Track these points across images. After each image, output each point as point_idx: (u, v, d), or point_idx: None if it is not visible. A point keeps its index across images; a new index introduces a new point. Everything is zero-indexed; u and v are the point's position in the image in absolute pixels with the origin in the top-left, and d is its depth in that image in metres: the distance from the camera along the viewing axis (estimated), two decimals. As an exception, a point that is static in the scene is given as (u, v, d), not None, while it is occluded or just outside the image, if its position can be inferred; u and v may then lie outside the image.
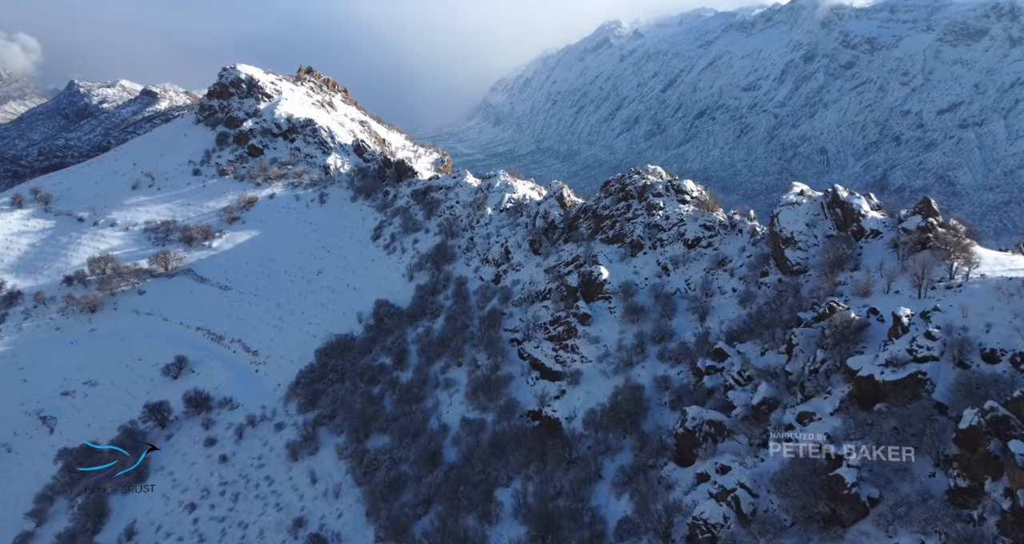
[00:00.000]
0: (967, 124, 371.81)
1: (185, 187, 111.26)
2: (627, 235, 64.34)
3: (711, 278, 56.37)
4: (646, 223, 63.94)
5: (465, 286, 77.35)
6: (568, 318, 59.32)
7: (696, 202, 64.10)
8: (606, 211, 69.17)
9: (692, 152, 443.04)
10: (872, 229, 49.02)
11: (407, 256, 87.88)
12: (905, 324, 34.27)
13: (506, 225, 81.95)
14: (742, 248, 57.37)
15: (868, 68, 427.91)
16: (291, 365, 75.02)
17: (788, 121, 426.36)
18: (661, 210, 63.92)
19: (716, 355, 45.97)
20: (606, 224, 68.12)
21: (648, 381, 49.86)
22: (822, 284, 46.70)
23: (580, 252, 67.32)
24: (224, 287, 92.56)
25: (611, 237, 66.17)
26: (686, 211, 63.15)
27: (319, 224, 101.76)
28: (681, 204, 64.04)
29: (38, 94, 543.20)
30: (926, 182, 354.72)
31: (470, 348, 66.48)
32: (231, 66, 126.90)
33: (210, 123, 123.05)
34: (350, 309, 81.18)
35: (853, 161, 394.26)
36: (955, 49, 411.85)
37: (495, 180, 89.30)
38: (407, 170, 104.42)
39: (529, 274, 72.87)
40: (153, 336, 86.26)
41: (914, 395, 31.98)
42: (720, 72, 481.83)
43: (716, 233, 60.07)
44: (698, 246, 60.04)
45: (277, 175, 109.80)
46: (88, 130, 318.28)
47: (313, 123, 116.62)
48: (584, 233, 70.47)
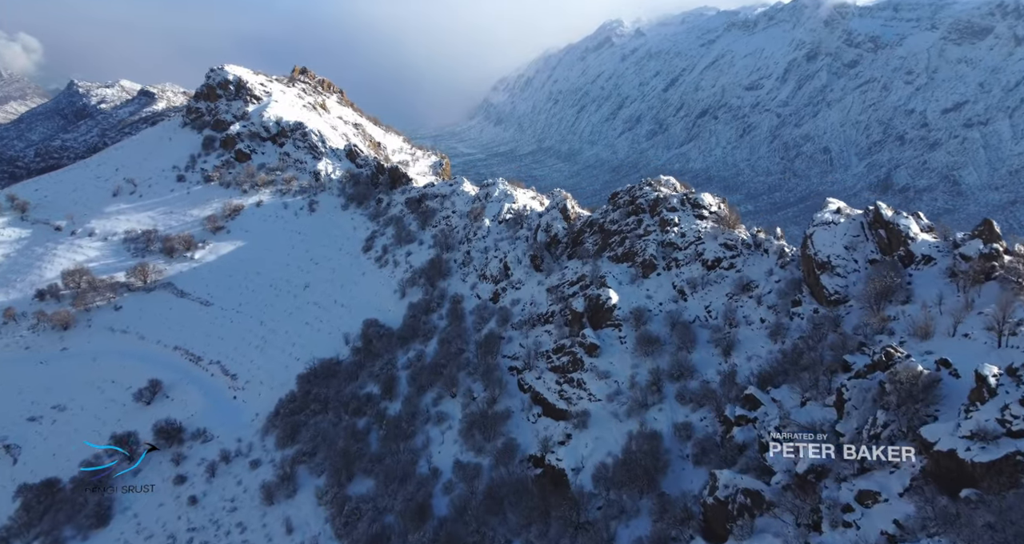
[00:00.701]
0: (972, 123, 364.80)
1: (168, 194, 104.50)
2: (638, 253, 57.44)
3: (735, 305, 49.46)
4: (659, 241, 57.01)
5: (460, 305, 70.55)
6: (573, 347, 52.51)
7: (715, 218, 57.10)
8: (614, 226, 62.26)
9: (694, 152, 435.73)
10: (923, 254, 42.07)
11: (399, 270, 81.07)
12: (992, 385, 27.41)
13: (505, 238, 75.11)
14: (769, 271, 50.43)
15: (872, 67, 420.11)
16: (271, 392, 68.30)
17: (791, 120, 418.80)
18: (676, 226, 56.95)
19: (747, 402, 39.10)
20: (614, 240, 61.20)
21: (666, 427, 43.02)
22: (868, 319, 39.81)
23: (586, 271, 60.48)
24: (205, 302, 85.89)
25: (620, 255, 59.26)
26: (704, 228, 56.15)
27: (308, 234, 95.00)
28: (698, 220, 57.04)
29: (39, 94, 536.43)
30: (931, 182, 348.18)
31: (465, 377, 59.70)
32: (219, 67, 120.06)
33: (197, 126, 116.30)
34: (337, 329, 74.43)
35: (857, 161, 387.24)
36: (959, 48, 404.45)
37: (493, 188, 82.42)
38: (401, 177, 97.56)
39: (530, 293, 66.02)
40: (127, 356, 79.62)
41: (1013, 482, 25.17)
42: (722, 71, 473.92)
43: (739, 253, 53.13)
44: (718, 267, 53.08)
45: (265, 181, 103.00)
46: (84, 131, 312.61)
47: (303, 126, 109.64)
48: (590, 249, 63.57)
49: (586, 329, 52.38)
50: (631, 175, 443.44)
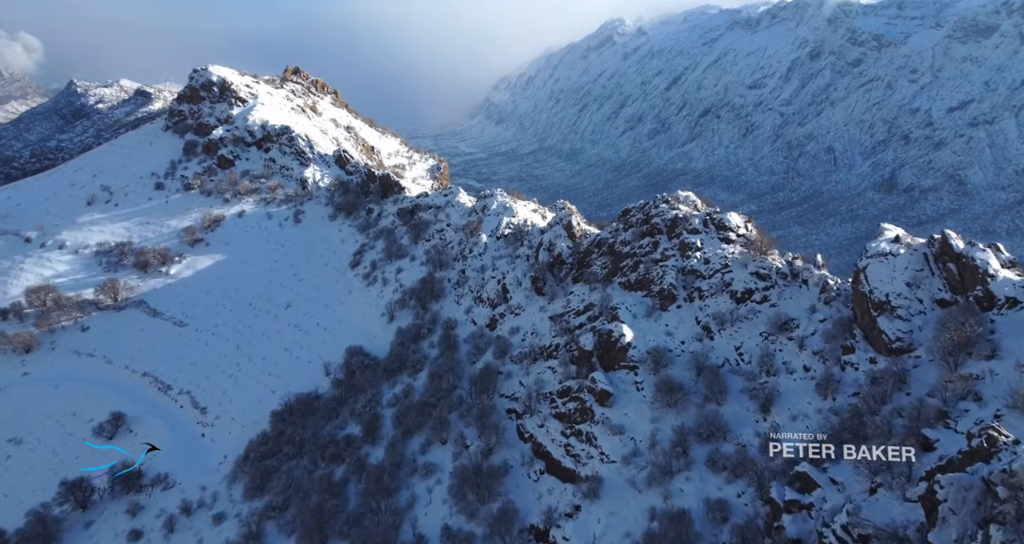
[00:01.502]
0: (977, 122, 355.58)
1: (146, 203, 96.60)
2: (655, 281, 49.39)
3: (772, 348, 41.43)
4: (679, 267, 48.91)
5: (454, 332, 62.57)
6: (581, 393, 44.61)
7: (743, 241, 48.95)
8: (626, 247, 54.16)
9: (697, 151, 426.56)
10: (1008, 296, 34.02)
11: (388, 289, 73.18)
12: None
13: (504, 256, 67.12)
14: (811, 308, 42.36)
15: (876, 65, 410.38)
16: (242, 430, 60.45)
17: (794, 119, 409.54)
18: (699, 251, 48.82)
19: (799, 482, 31.17)
20: (626, 264, 53.12)
21: (696, 504, 35.07)
22: (945, 378, 31.84)
23: (594, 298, 52.47)
24: (179, 323, 78.11)
25: (633, 282, 51.19)
26: (731, 253, 48.03)
27: (292, 247, 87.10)
28: (724, 244, 48.91)
29: (40, 94, 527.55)
30: (936, 181, 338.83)
31: (457, 419, 51.78)
32: (202, 67, 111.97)
33: (179, 130, 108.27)
34: (317, 357, 66.51)
35: (861, 160, 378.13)
36: (965, 46, 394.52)
37: (491, 200, 74.36)
38: (393, 185, 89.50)
39: (531, 321, 58.02)
40: (92, 383, 71.95)
41: None
42: (725, 70, 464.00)
43: (773, 284, 45.07)
44: (749, 301, 45.03)
45: (248, 190, 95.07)
46: (80, 131, 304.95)
47: (290, 131, 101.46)
48: (599, 272, 55.52)
49: (596, 372, 44.44)
50: (633, 174, 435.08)
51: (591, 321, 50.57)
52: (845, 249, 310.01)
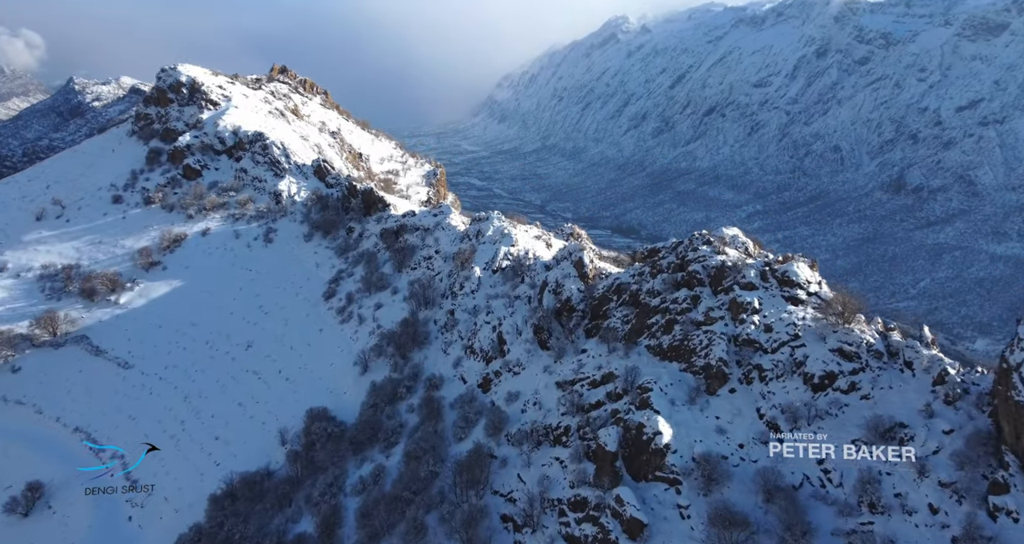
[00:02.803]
0: (987, 122, 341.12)
1: (100, 219, 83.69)
2: (697, 351, 36.38)
3: (875, 469, 28.48)
4: (731, 335, 35.94)
5: (438, 392, 49.69)
6: (602, 513, 31.79)
7: (816, 302, 35.88)
8: (655, 299, 41.11)
9: (701, 150, 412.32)
10: None
11: (364, 329, 60.31)
12: None
13: (500, 295, 54.12)
14: (925, 408, 29.33)
15: (883, 64, 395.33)
16: (175, 516, 47.77)
17: (800, 118, 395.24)
18: (756, 314, 35.77)
19: None
20: (656, 322, 40.11)
21: None
22: None
23: (616, 366, 39.46)
24: (124, 364, 65.48)
25: (667, 348, 38.21)
26: (801, 318, 34.94)
27: (261, 272, 74.26)
28: (791, 305, 35.76)
29: (41, 91, 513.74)
30: (945, 182, 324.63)
31: (437, 524, 38.89)
32: (171, 66, 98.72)
33: (144, 135, 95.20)
34: (275, 418, 53.75)
35: (868, 159, 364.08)
36: (974, 44, 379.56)
37: (487, 225, 61.27)
38: (376, 201, 76.49)
39: (533, 385, 45.10)
40: (16, 437, 59.67)
41: None
42: (730, 68, 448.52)
43: (863, 366, 32.09)
44: (832, 388, 32.07)
45: (215, 204, 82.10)
46: (73, 130, 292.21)
47: (264, 137, 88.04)
48: (619, 328, 42.57)
49: (622, 488, 31.57)
50: (636, 173, 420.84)
51: (612, 400, 37.66)
52: (852, 250, 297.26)
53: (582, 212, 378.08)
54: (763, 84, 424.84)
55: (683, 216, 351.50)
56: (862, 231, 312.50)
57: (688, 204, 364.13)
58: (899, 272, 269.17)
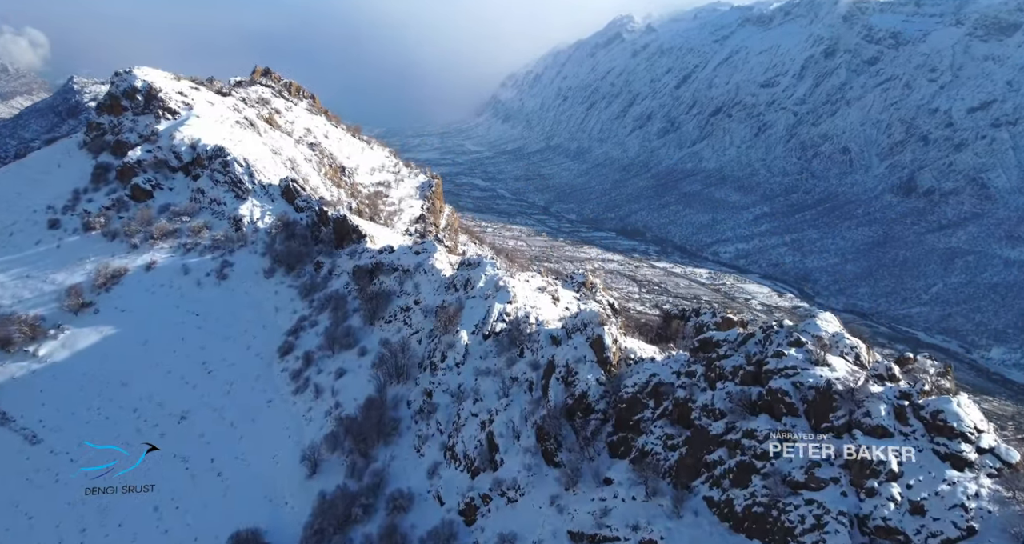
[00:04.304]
0: (1000, 123, 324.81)
1: (32, 248, 69.43)
2: (795, 535, 22.16)
3: None
4: (853, 514, 21.70)
5: (406, 517, 35.45)
6: None
7: (992, 462, 21.57)
8: (718, 422, 26.78)
9: (707, 151, 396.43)
10: None
11: (320, 407, 46.05)
12: None
13: (492, 372, 39.83)
14: None
15: (893, 64, 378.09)
16: None
17: (808, 119, 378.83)
18: (895, 480, 21.52)
19: None
20: (718, 458, 25.86)
21: None
22: None
23: (659, 529, 25.16)
24: (31, 438, 51.35)
25: (741, 514, 23.94)
26: (974, 495, 20.76)
27: (209, 317, 59.97)
28: (952, 467, 21.49)
29: (45, 89, 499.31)
30: (957, 184, 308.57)
31: None
32: (126, 70, 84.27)
33: (94, 148, 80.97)
34: (192, 537, 39.78)
35: (878, 161, 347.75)
36: (986, 44, 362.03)
37: (478, 272, 46.71)
38: (350, 231, 62.18)
39: (536, 528, 30.80)
40: None
41: None
42: (736, 68, 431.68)
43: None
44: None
45: (164, 232, 67.78)
46: (67, 130, 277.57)
47: (225, 153, 73.25)
48: (661, 454, 28.40)
49: None
50: (642, 174, 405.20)
51: (655, 595, 23.46)
52: (863, 254, 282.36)
53: (586, 213, 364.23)
54: (770, 84, 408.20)
55: (689, 218, 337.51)
56: (872, 234, 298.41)
57: (694, 206, 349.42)
58: (911, 277, 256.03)
